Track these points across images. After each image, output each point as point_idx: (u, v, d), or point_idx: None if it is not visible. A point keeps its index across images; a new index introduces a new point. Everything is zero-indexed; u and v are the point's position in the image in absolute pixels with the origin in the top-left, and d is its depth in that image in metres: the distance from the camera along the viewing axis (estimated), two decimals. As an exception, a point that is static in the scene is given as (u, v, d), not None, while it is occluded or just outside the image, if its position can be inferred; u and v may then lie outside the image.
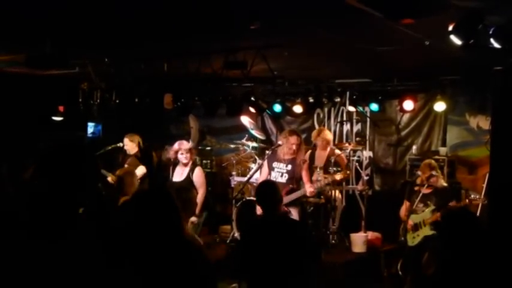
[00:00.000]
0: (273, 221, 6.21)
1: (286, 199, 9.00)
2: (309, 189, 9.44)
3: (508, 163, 5.57)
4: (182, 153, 9.81)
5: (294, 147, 9.38)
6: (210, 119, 13.56)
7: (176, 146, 9.98)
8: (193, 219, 9.08)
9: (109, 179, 10.40)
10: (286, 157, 9.45)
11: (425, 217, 9.21)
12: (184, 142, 10.14)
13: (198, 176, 9.77)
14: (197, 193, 9.52)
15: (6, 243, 2.95)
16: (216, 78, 10.45)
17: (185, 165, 9.85)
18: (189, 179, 9.70)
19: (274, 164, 9.55)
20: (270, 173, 9.65)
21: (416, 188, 9.55)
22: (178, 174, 9.92)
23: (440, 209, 9.07)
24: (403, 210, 9.63)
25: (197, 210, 9.42)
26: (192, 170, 9.77)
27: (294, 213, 9.11)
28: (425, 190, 9.28)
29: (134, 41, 8.82)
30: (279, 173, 9.47)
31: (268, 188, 6.58)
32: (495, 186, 5.93)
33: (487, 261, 4.60)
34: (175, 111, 12.26)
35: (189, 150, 9.88)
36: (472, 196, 9.43)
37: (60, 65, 9.20)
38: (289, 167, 9.40)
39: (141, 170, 10.58)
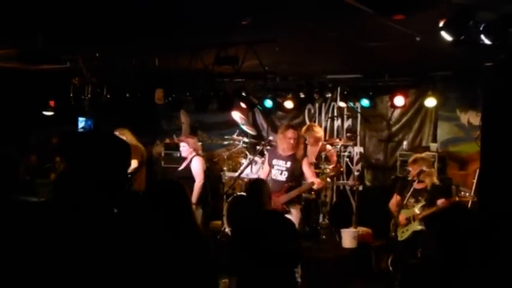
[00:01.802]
0: (262, 218, 6.23)
1: (286, 197, 8.89)
2: (317, 180, 9.32)
3: (498, 159, 5.59)
4: (180, 146, 10.02)
5: (292, 141, 9.24)
6: (201, 114, 13.57)
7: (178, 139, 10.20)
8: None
9: None
10: (286, 153, 9.31)
11: (414, 212, 9.17)
12: (189, 137, 10.28)
13: (194, 165, 9.82)
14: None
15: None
16: (208, 73, 10.46)
17: (186, 157, 9.97)
18: (188, 168, 9.77)
19: (274, 161, 9.40)
20: (270, 171, 9.57)
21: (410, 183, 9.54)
22: (183, 166, 10.06)
23: (429, 205, 9.07)
24: (392, 204, 9.64)
25: (193, 199, 9.43)
26: (190, 160, 9.83)
27: (295, 213, 8.83)
28: (417, 185, 9.24)
29: (125, 36, 8.82)
30: (279, 171, 9.34)
31: (255, 185, 6.59)
32: (485, 182, 5.95)
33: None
34: (167, 106, 12.25)
35: (187, 144, 9.95)
36: (462, 193, 9.45)
37: (52, 60, 9.18)
38: (289, 164, 9.24)
39: (133, 164, 10.65)
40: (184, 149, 10.01)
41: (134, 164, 10.71)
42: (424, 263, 5.20)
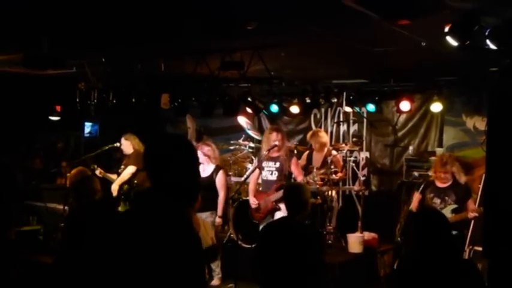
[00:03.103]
0: (290, 226, 6.11)
1: (276, 195, 9.27)
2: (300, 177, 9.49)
3: (503, 164, 5.58)
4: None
5: (277, 143, 9.43)
6: (207, 119, 13.55)
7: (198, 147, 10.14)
8: (218, 220, 9.62)
9: (97, 172, 10.71)
10: (274, 155, 9.52)
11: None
12: (204, 147, 10.13)
13: (221, 178, 9.80)
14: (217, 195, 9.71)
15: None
16: (213, 78, 10.46)
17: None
18: (211, 178, 9.73)
19: (264, 164, 9.62)
20: (260, 173, 9.75)
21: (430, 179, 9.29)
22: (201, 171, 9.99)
23: (461, 208, 8.67)
24: (414, 203, 9.28)
25: (219, 211, 9.64)
26: (216, 171, 9.76)
27: (284, 209, 9.02)
28: (439, 184, 9.02)
29: (131, 41, 8.84)
30: (269, 172, 9.55)
31: (293, 190, 6.44)
32: (491, 187, 5.93)
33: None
34: (172, 111, 12.26)
35: (202, 152, 9.91)
36: None
37: (58, 65, 9.20)
38: (278, 164, 9.49)
39: (128, 170, 10.77)
40: (200, 156, 10.01)
41: (132, 169, 10.83)
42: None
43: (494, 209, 5.70)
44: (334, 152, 11.03)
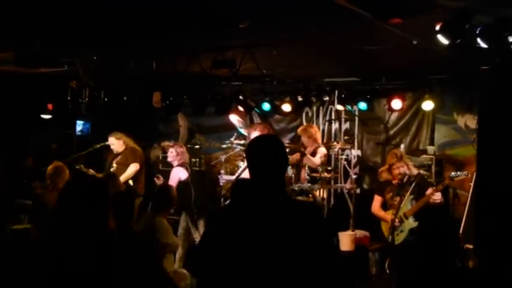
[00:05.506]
0: (267, 201, 3.73)
1: None
2: None
3: (494, 162, 5.59)
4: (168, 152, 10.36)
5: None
6: (198, 117, 13.57)
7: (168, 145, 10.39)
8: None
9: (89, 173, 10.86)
10: None
11: (405, 209, 8.78)
12: (177, 145, 10.53)
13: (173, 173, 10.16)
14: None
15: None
16: (205, 76, 10.46)
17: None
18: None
19: None
20: None
21: (381, 180, 9.41)
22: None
23: (419, 198, 8.86)
24: (376, 208, 9.39)
25: None
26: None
27: None
28: (396, 181, 9.03)
29: (123, 39, 8.82)
30: None
31: (265, 144, 4.01)
32: (482, 185, 5.95)
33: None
34: (164, 109, 12.25)
35: (174, 151, 10.21)
36: (453, 174, 9.12)
37: (49, 64, 9.18)
38: None
39: (132, 168, 10.74)
40: (172, 154, 10.31)
41: (136, 167, 10.83)
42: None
43: (485, 206, 5.72)
44: (323, 150, 10.89)
